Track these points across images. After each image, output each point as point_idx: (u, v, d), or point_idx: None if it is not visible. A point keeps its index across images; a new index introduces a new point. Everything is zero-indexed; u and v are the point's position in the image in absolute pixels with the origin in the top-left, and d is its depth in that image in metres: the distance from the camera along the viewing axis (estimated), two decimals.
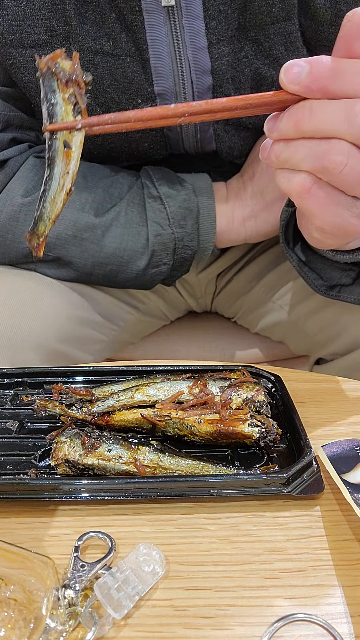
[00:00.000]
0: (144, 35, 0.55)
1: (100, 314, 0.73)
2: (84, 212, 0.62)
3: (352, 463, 0.43)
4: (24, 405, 0.52)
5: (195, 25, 0.55)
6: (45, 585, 0.32)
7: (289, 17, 0.54)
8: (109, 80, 0.57)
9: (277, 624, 0.32)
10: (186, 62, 0.56)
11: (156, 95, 0.58)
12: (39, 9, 0.54)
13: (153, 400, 0.48)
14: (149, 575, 0.34)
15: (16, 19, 0.55)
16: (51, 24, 0.55)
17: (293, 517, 0.40)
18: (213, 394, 0.48)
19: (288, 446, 0.46)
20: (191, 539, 0.38)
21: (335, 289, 0.59)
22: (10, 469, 0.44)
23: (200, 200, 0.63)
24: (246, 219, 0.64)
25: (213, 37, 0.55)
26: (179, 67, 0.57)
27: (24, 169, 0.63)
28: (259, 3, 0.53)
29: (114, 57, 0.56)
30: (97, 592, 0.32)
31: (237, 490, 0.40)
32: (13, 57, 0.57)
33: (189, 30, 0.55)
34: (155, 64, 0.56)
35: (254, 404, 0.46)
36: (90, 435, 0.44)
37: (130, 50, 0.56)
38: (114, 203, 0.63)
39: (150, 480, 0.41)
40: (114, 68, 0.57)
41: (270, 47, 0.56)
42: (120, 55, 0.56)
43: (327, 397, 0.54)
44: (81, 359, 0.72)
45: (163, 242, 0.62)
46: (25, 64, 0.57)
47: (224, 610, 0.33)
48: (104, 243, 0.63)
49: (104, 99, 0.59)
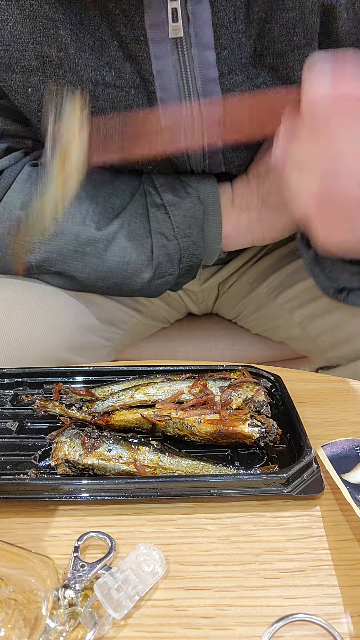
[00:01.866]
0: (149, 66, 0.51)
1: (104, 320, 0.72)
2: (85, 225, 0.60)
3: (352, 463, 0.43)
4: (24, 405, 0.52)
5: (205, 55, 0.51)
6: (45, 585, 0.32)
7: (309, 43, 0.51)
8: (111, 112, 0.54)
9: (277, 624, 0.32)
10: (195, 94, 0.53)
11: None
12: (29, 33, 0.50)
13: (153, 400, 0.48)
14: (149, 575, 0.34)
15: (3, 42, 0.51)
16: (43, 50, 0.51)
17: (293, 517, 0.40)
18: (213, 394, 0.48)
19: (288, 446, 0.46)
20: (191, 539, 0.38)
21: (343, 292, 0.58)
22: (10, 469, 0.44)
23: (206, 207, 0.61)
24: (252, 223, 0.62)
25: (225, 68, 0.51)
26: (187, 99, 0.53)
27: (19, 180, 0.61)
28: (279, 31, 0.50)
29: (116, 88, 0.53)
30: (97, 592, 0.32)
31: (237, 490, 0.40)
32: (3, 80, 0.54)
33: (198, 61, 0.51)
34: (161, 97, 0.53)
35: (254, 404, 0.46)
36: (90, 435, 0.44)
37: (135, 82, 0.52)
38: (116, 214, 0.61)
39: (150, 480, 0.41)
40: (117, 100, 0.53)
41: (289, 74, 0.53)
42: (124, 87, 0.53)
43: (327, 397, 0.54)
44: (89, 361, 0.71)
45: (168, 253, 0.61)
46: (16, 89, 0.54)
47: (224, 610, 0.33)
48: (107, 257, 0.61)
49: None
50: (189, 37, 0.50)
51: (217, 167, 0.61)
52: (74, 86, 0.53)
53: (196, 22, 0.49)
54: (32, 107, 0.55)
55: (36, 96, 0.54)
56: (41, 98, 0.54)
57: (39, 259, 0.61)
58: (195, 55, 0.51)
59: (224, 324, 0.91)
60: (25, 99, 0.55)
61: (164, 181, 0.62)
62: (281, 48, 0.51)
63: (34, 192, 0.60)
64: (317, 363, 0.76)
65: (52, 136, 0.44)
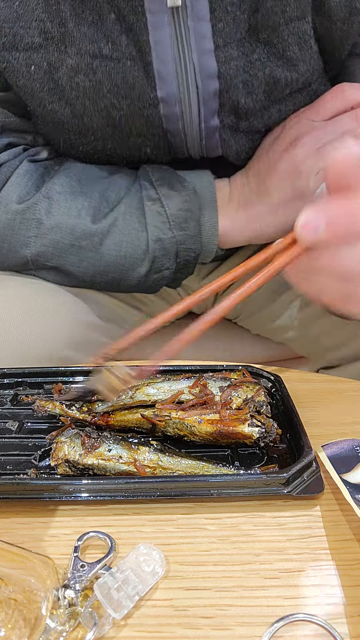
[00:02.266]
0: (146, 37, 0.52)
1: (104, 317, 0.72)
2: (80, 218, 0.60)
3: (352, 463, 0.43)
4: (24, 405, 0.52)
5: (200, 27, 0.52)
6: (45, 585, 0.32)
7: (302, 16, 0.52)
8: (109, 85, 0.55)
9: (277, 624, 0.32)
10: (191, 65, 0.54)
11: (159, 100, 0.56)
12: (32, 10, 0.52)
13: (153, 400, 0.48)
14: (149, 575, 0.34)
15: (8, 21, 0.52)
16: (45, 26, 0.53)
17: (293, 517, 0.40)
18: (213, 394, 0.48)
19: (288, 446, 0.46)
20: (191, 539, 0.38)
21: None
22: (10, 469, 0.44)
23: (202, 200, 0.61)
24: (250, 220, 0.62)
25: (220, 40, 0.53)
26: (183, 71, 0.54)
27: (17, 174, 0.61)
28: (272, 3, 0.51)
29: (113, 60, 0.54)
30: (97, 592, 0.32)
31: (237, 490, 0.40)
32: (6, 61, 0.55)
33: (194, 33, 0.52)
34: (158, 68, 0.54)
35: (254, 404, 0.46)
36: (90, 435, 0.44)
37: (132, 54, 0.54)
38: (111, 207, 0.61)
39: (150, 480, 0.41)
40: (114, 72, 0.55)
41: (284, 49, 0.54)
42: (121, 59, 0.54)
43: (327, 397, 0.54)
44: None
45: (164, 247, 0.61)
46: (19, 68, 0.55)
47: (224, 610, 0.33)
48: (103, 251, 0.61)
49: (104, 104, 0.57)
50: (185, 9, 0.51)
51: (214, 150, 0.62)
52: (72, 60, 0.54)
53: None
54: (34, 87, 0.56)
55: (38, 74, 0.55)
56: (43, 77, 0.55)
57: (35, 253, 0.62)
58: (191, 27, 0.52)
59: (224, 323, 0.91)
60: (27, 78, 0.55)
61: (160, 175, 0.62)
62: (275, 21, 0.52)
63: (32, 187, 0.61)
64: (318, 364, 0.76)
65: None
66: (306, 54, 0.55)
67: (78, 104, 0.57)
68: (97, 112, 0.57)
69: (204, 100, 0.56)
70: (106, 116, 0.57)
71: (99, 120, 0.58)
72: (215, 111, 0.57)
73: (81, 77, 0.54)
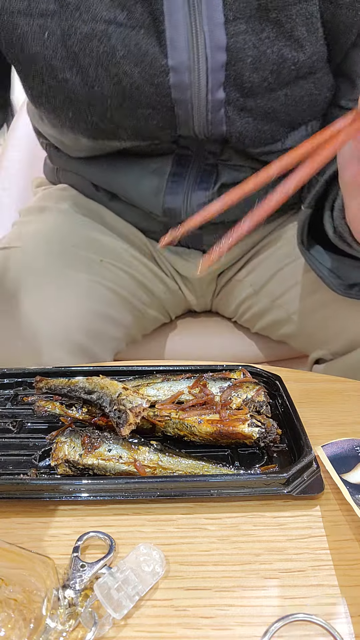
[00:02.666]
0: (160, 6, 0.54)
1: (114, 307, 0.74)
2: None
3: (352, 463, 0.43)
4: (24, 405, 0.52)
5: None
6: (45, 585, 0.32)
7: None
8: (122, 51, 0.56)
9: (277, 624, 0.32)
10: (202, 36, 0.56)
11: (169, 68, 0.57)
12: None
13: (153, 400, 0.48)
14: (149, 575, 0.34)
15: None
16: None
17: (293, 517, 0.40)
18: (213, 394, 0.48)
19: (288, 446, 0.46)
20: (191, 539, 0.38)
21: (354, 288, 0.58)
22: (11, 469, 0.44)
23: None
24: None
25: (230, 14, 0.55)
26: (194, 40, 0.56)
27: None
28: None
29: (127, 27, 0.55)
30: (97, 592, 0.32)
31: (237, 490, 0.40)
32: (20, 27, 0.56)
33: (206, 4, 0.55)
34: (171, 36, 0.56)
35: (254, 404, 0.46)
36: (90, 435, 0.44)
37: (145, 22, 0.55)
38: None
39: (150, 480, 0.41)
40: (128, 39, 0.56)
41: (292, 29, 0.56)
42: (135, 27, 0.55)
43: (327, 397, 0.54)
44: (100, 356, 0.72)
45: None
46: (32, 34, 0.56)
47: (224, 610, 0.33)
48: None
49: (116, 71, 0.58)
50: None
51: (219, 126, 0.62)
52: (87, 26, 0.56)
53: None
54: (47, 55, 0.58)
55: (52, 41, 0.57)
56: (57, 43, 0.57)
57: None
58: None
59: (224, 323, 0.91)
60: (41, 45, 0.57)
61: None
62: (284, 0, 0.54)
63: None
64: (313, 357, 0.76)
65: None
66: (313, 36, 0.57)
67: (90, 71, 0.58)
68: (109, 79, 0.59)
69: (212, 71, 0.58)
70: (117, 83, 0.58)
71: (110, 88, 0.59)
72: (221, 83, 0.59)
73: (95, 43, 0.56)
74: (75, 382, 0.48)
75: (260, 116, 0.62)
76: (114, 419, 0.43)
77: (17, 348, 0.64)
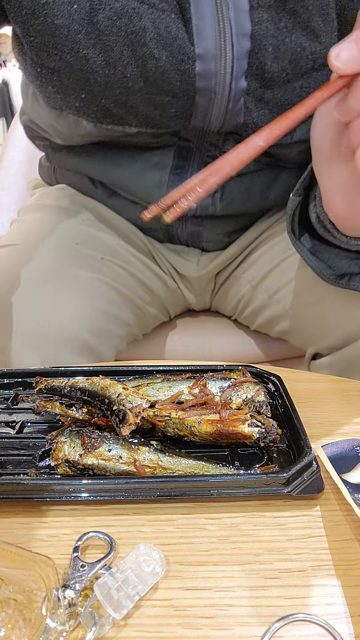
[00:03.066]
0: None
1: (115, 305, 0.74)
2: None
3: (352, 463, 0.43)
4: (24, 405, 0.52)
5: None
6: (45, 585, 0.32)
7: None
8: (152, 33, 0.56)
9: (277, 624, 0.32)
10: (228, 23, 0.56)
11: (196, 56, 0.57)
12: None
13: (153, 400, 0.48)
14: (149, 575, 0.34)
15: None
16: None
17: (293, 517, 0.40)
18: (213, 394, 0.48)
19: (288, 446, 0.46)
20: (191, 539, 0.38)
21: (344, 278, 0.58)
22: (11, 469, 0.44)
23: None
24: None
25: (254, 1, 0.56)
26: (220, 28, 0.56)
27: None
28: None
29: (159, 10, 0.55)
30: (97, 592, 0.32)
31: (237, 490, 0.40)
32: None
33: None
34: (197, 24, 0.56)
35: (254, 404, 0.46)
36: (90, 435, 0.44)
37: (175, 8, 0.56)
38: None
39: (150, 480, 0.41)
40: (159, 21, 0.56)
41: (308, 19, 0.57)
42: (165, 10, 0.56)
43: (327, 397, 0.54)
44: (104, 354, 0.73)
45: None
46: (59, 5, 0.55)
47: (224, 610, 0.33)
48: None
49: (142, 53, 0.57)
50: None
51: (236, 117, 0.62)
52: (119, 3, 0.55)
53: None
54: (71, 28, 0.56)
55: (79, 15, 0.56)
56: (84, 18, 0.56)
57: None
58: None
59: (224, 322, 0.91)
60: (67, 17, 0.56)
61: None
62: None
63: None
64: (310, 353, 0.76)
65: None
66: (328, 27, 0.58)
67: (115, 51, 0.57)
68: (134, 60, 0.58)
69: (238, 58, 0.58)
70: (142, 66, 0.58)
71: (134, 70, 0.58)
72: (244, 72, 0.59)
73: (125, 21, 0.55)
74: (75, 382, 0.48)
75: (276, 108, 0.62)
76: (113, 419, 0.43)
77: (19, 348, 0.64)
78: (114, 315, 0.74)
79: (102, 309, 0.71)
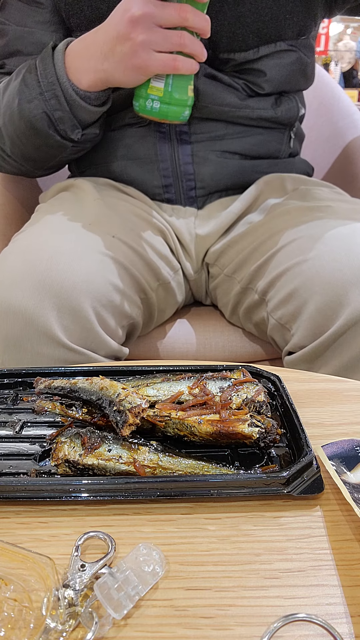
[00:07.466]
0: None
1: (126, 284, 0.76)
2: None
3: (352, 463, 0.43)
4: (24, 405, 0.52)
5: None
6: (45, 585, 0.32)
7: None
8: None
9: (277, 624, 0.32)
10: None
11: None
12: None
13: (153, 400, 0.48)
14: (149, 575, 0.34)
15: None
16: None
17: (293, 517, 0.40)
18: (213, 394, 0.48)
19: (288, 446, 0.46)
20: (191, 539, 0.38)
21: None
22: (11, 468, 0.44)
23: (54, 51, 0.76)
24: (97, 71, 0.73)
25: None
26: None
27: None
28: None
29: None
30: (97, 592, 0.32)
31: (237, 490, 0.40)
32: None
33: None
34: None
35: (254, 404, 0.46)
36: (90, 435, 0.44)
37: None
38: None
39: (150, 480, 0.41)
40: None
41: None
42: None
43: (327, 397, 0.54)
44: (114, 334, 0.74)
45: (41, 92, 0.75)
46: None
47: (224, 610, 0.33)
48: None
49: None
50: None
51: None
52: None
53: None
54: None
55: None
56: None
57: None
58: None
59: (223, 321, 0.91)
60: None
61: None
62: None
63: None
64: (286, 350, 0.76)
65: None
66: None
67: None
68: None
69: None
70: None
71: None
72: None
73: None
74: (75, 382, 0.48)
75: (232, 19, 0.77)
76: (113, 419, 0.43)
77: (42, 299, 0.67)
78: (124, 293, 0.75)
79: (114, 284, 0.73)
